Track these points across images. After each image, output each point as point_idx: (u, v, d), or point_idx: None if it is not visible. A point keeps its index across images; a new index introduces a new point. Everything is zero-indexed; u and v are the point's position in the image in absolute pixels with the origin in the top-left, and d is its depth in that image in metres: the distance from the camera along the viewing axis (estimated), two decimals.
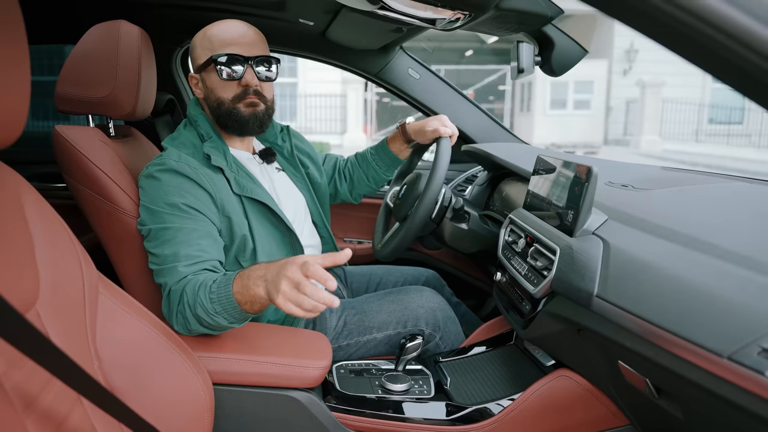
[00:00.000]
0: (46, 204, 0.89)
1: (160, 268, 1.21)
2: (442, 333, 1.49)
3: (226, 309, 1.10)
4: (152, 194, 1.25)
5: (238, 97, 1.35)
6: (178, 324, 1.18)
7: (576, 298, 0.98)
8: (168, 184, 1.25)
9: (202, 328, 1.16)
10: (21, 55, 0.69)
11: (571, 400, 1.17)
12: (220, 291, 1.11)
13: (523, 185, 1.62)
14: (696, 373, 0.72)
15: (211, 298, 1.11)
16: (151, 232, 1.23)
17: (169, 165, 1.26)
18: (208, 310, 1.11)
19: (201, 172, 1.28)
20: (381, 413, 1.23)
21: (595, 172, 1.02)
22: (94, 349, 0.89)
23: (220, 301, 1.10)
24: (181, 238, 1.20)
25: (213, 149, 1.35)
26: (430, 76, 2.15)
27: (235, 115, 1.35)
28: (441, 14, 1.22)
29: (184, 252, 1.19)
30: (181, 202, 1.23)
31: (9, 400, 0.67)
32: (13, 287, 0.75)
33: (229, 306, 1.10)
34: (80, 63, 1.35)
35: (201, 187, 1.27)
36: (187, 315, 1.14)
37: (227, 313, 1.11)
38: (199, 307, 1.12)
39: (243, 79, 1.34)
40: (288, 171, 1.58)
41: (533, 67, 1.44)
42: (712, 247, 0.83)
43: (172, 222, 1.22)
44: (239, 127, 1.38)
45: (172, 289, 1.18)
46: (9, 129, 0.70)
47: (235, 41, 1.34)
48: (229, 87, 1.35)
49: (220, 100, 1.36)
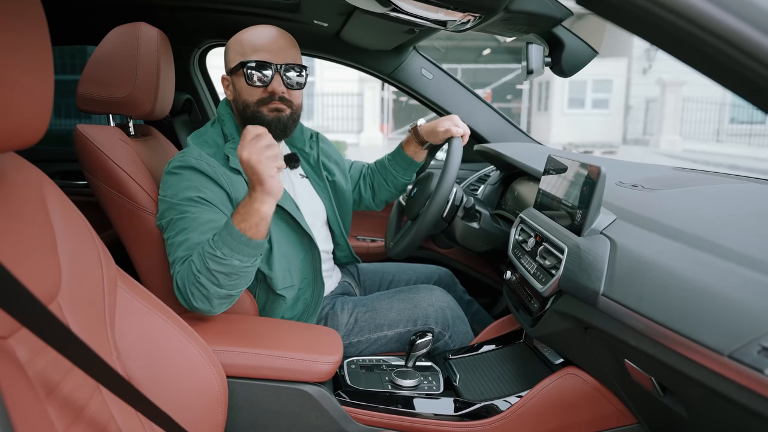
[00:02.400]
0: (68, 200, 0.92)
1: (173, 257, 1.25)
2: (451, 332, 1.51)
3: (233, 247, 1.15)
4: (172, 188, 1.29)
5: (262, 101, 1.37)
6: (196, 299, 1.19)
7: (583, 296, 0.99)
8: (187, 180, 1.28)
9: (217, 288, 1.18)
10: (45, 58, 0.73)
11: (578, 398, 1.18)
12: (222, 233, 1.16)
13: (534, 185, 1.63)
14: (698, 371, 0.73)
15: (216, 246, 1.15)
16: (170, 223, 1.27)
17: (189, 162, 1.30)
18: (218, 257, 1.15)
19: (219, 171, 1.31)
20: (391, 408, 1.25)
21: (604, 172, 1.03)
22: (112, 341, 0.93)
23: (225, 242, 1.15)
24: (194, 227, 1.24)
25: (234, 150, 1.37)
26: (443, 76, 2.16)
27: (258, 118, 1.37)
28: (451, 16, 1.23)
29: (195, 239, 1.23)
30: (198, 195, 1.27)
31: (32, 386, 0.70)
32: (37, 280, 0.78)
33: (235, 242, 1.15)
34: (101, 64, 1.39)
35: (218, 184, 1.30)
36: (199, 279, 1.17)
37: (236, 251, 1.15)
38: (209, 260, 1.15)
39: (270, 85, 1.35)
40: (311, 178, 1.60)
41: (543, 68, 1.45)
42: (716, 247, 0.84)
43: (188, 213, 1.25)
44: (272, 132, 1.38)
45: (181, 269, 1.21)
46: (33, 129, 0.73)
47: (265, 47, 1.35)
48: (255, 91, 1.36)
49: (246, 103, 1.38)
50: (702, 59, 0.52)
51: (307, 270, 1.44)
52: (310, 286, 1.44)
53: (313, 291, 1.44)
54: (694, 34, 0.50)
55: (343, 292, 1.64)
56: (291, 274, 1.40)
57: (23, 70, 0.68)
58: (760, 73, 0.50)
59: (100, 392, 0.85)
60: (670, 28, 0.50)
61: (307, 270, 1.44)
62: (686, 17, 0.49)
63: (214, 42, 2.20)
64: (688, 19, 0.49)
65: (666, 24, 0.50)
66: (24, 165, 0.87)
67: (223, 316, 1.34)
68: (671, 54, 0.52)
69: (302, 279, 1.43)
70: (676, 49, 0.52)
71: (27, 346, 0.71)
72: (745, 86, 0.53)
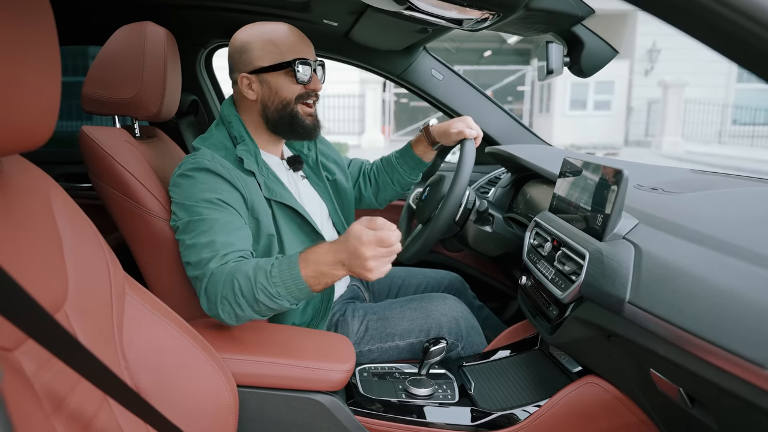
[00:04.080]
0: (75, 205, 0.89)
1: (197, 258, 1.19)
2: (464, 343, 1.48)
3: (291, 292, 1.12)
4: (187, 191, 1.25)
5: (301, 97, 1.39)
6: (224, 312, 1.15)
7: (606, 304, 0.96)
8: (203, 182, 1.25)
9: (254, 314, 1.15)
10: (53, 57, 0.70)
11: (599, 408, 1.15)
12: (284, 275, 1.11)
13: (547, 187, 1.60)
14: (734, 383, 0.70)
15: (274, 282, 1.11)
16: (188, 224, 1.23)
17: (203, 164, 1.27)
18: (272, 294, 1.11)
19: (234, 174, 1.29)
20: (405, 417, 1.22)
21: (626, 175, 1.00)
22: (120, 350, 0.90)
23: (285, 284, 1.11)
24: (218, 228, 1.20)
25: (245, 152, 1.35)
26: (453, 77, 2.13)
27: (300, 120, 1.39)
28: (469, 14, 1.20)
29: (221, 240, 1.19)
30: (215, 197, 1.24)
31: (39, 401, 0.67)
32: (43, 288, 0.75)
33: (295, 289, 1.11)
34: (107, 64, 1.36)
35: (233, 186, 1.27)
36: (239, 301, 1.13)
37: (292, 296, 1.12)
38: (260, 293, 1.11)
39: (311, 83, 1.39)
40: (311, 179, 1.58)
41: (562, 68, 1.41)
42: (747, 252, 0.81)
43: (208, 214, 1.22)
44: (303, 133, 1.42)
45: (214, 273, 1.16)
46: (40, 131, 0.70)
47: (301, 45, 1.38)
48: (296, 88, 1.38)
49: (286, 101, 1.38)
50: None
51: None
52: (319, 292, 1.40)
53: (322, 295, 1.41)
54: None
55: (353, 296, 1.61)
56: None
57: (31, 69, 0.65)
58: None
59: (108, 404, 0.82)
60: (726, 25, 0.47)
61: None
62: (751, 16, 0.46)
63: (221, 42, 2.17)
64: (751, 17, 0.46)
65: (723, 20, 0.47)
66: (30, 168, 0.84)
67: None
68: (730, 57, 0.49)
69: None
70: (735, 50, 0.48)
71: (33, 359, 0.68)
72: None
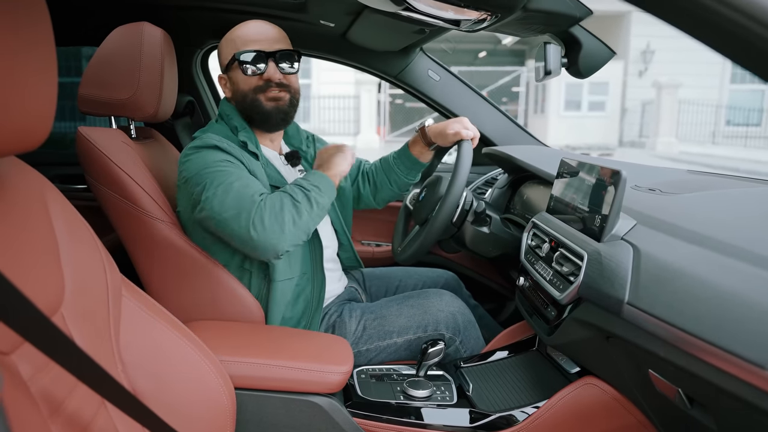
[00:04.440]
0: (71, 206, 0.89)
1: (240, 194, 1.23)
2: (462, 337, 1.47)
3: (324, 186, 1.30)
4: (200, 161, 1.30)
5: (259, 88, 1.40)
6: (282, 224, 1.20)
7: (605, 305, 0.96)
8: (213, 154, 1.30)
9: (311, 220, 1.26)
10: (50, 58, 0.69)
11: (597, 409, 1.15)
12: (313, 175, 1.32)
13: (544, 188, 1.60)
14: (735, 384, 0.70)
15: (312, 185, 1.28)
16: (214, 179, 1.25)
17: (211, 142, 1.32)
18: (321, 189, 1.28)
19: (241, 153, 1.35)
20: (403, 419, 1.22)
21: (624, 176, 1.00)
22: (117, 353, 0.89)
23: (318, 180, 1.30)
24: (246, 176, 1.29)
25: (247, 138, 1.41)
26: (450, 77, 2.13)
27: (258, 107, 1.41)
28: (466, 15, 1.20)
29: (253, 182, 1.28)
30: (229, 160, 1.30)
31: (36, 405, 0.66)
32: (39, 291, 0.74)
33: (324, 182, 1.31)
34: (103, 65, 1.35)
35: (241, 162, 1.33)
36: (300, 210, 1.23)
37: (325, 189, 1.30)
38: (314, 192, 1.26)
39: (266, 73, 1.39)
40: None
41: (560, 68, 1.41)
42: (746, 254, 0.81)
43: (230, 169, 1.28)
44: (263, 119, 1.42)
45: (263, 200, 1.22)
46: (37, 132, 0.70)
47: (257, 38, 1.39)
48: (251, 80, 1.40)
49: (244, 93, 1.41)
50: None
51: (306, 263, 1.41)
52: (309, 283, 1.41)
53: (313, 288, 1.41)
54: None
55: (350, 297, 1.61)
56: (290, 264, 1.38)
57: (29, 71, 0.65)
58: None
59: (106, 408, 0.81)
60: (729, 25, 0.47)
61: (306, 263, 1.41)
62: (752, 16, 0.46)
63: (217, 43, 2.15)
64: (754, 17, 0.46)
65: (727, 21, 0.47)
66: (26, 169, 0.83)
67: (230, 324, 1.31)
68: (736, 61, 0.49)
69: (301, 274, 1.41)
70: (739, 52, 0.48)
71: (30, 362, 0.67)
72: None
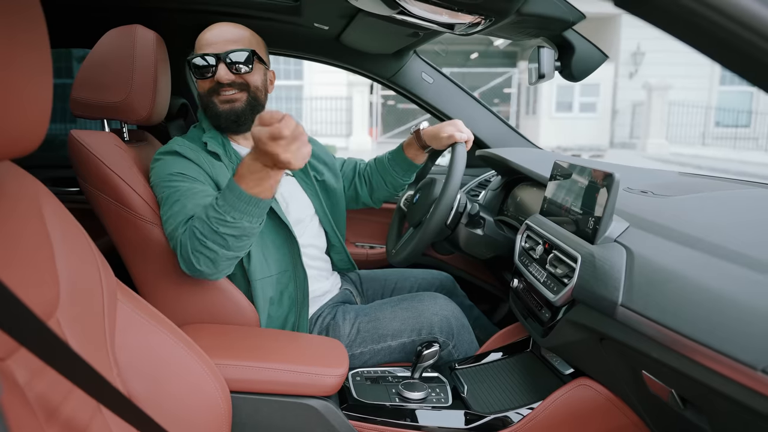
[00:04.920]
0: (65, 210, 0.88)
1: (172, 227, 1.26)
2: (455, 341, 1.48)
3: (244, 211, 1.16)
4: (158, 171, 1.33)
5: (212, 90, 1.40)
6: (202, 263, 1.20)
7: (599, 306, 0.96)
8: (171, 162, 1.33)
9: (225, 251, 1.19)
10: (44, 62, 0.69)
11: (591, 410, 1.16)
12: (228, 198, 1.16)
13: (537, 190, 1.61)
14: (727, 385, 0.71)
15: (224, 210, 1.16)
16: (162, 200, 1.30)
17: (172, 148, 1.36)
18: (228, 222, 1.16)
19: (201, 156, 1.37)
20: (398, 422, 1.22)
21: (618, 178, 1.01)
22: (113, 357, 0.89)
23: (233, 206, 1.16)
24: (187, 196, 1.27)
25: (210, 138, 1.42)
26: (443, 80, 2.14)
27: (212, 109, 1.41)
28: (460, 19, 1.20)
29: (191, 204, 1.25)
30: (182, 171, 1.31)
31: (32, 410, 0.66)
32: (34, 295, 0.74)
33: (245, 205, 1.16)
34: (96, 68, 1.34)
35: (200, 166, 1.35)
36: (209, 245, 1.18)
37: (246, 213, 1.16)
38: (217, 224, 1.16)
39: (216, 75, 1.38)
40: (298, 177, 1.59)
41: (554, 72, 1.42)
42: (738, 256, 0.82)
43: (177, 186, 1.29)
44: (215, 121, 1.43)
45: (183, 236, 1.22)
46: (32, 136, 0.69)
47: (210, 42, 1.39)
48: (204, 83, 1.41)
49: (201, 96, 1.44)
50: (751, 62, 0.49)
51: (285, 260, 1.41)
52: (291, 280, 1.41)
53: (296, 285, 1.41)
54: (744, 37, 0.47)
55: (344, 300, 1.61)
56: (267, 262, 1.38)
57: (23, 75, 0.64)
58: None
59: (101, 413, 0.81)
60: (718, 31, 0.48)
61: (285, 260, 1.41)
62: (738, 20, 0.46)
63: None
64: (740, 21, 0.46)
65: (714, 26, 0.48)
66: (19, 174, 0.83)
67: (225, 327, 1.30)
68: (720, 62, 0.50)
69: (282, 272, 1.41)
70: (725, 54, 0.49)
71: (26, 368, 0.67)
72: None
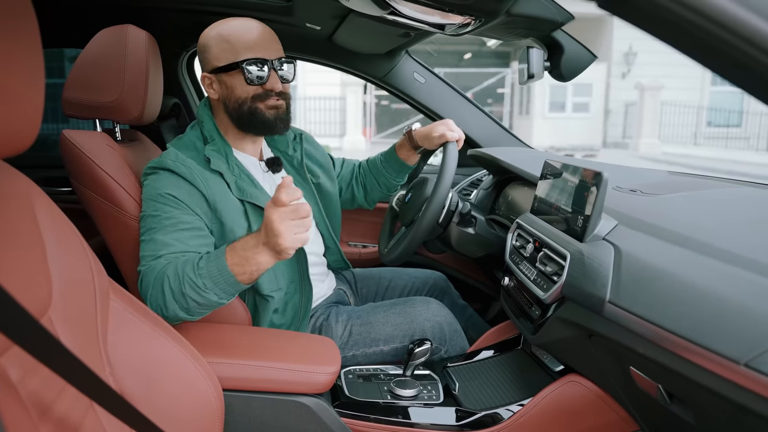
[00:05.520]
0: (58, 210, 0.89)
1: (141, 254, 1.22)
2: (447, 346, 1.49)
3: (217, 284, 1.12)
4: (147, 188, 1.28)
5: (258, 97, 1.35)
6: (153, 304, 1.15)
7: (588, 303, 0.98)
8: (161, 180, 1.27)
9: (179, 311, 1.14)
10: (37, 63, 0.69)
11: (581, 406, 1.17)
12: (210, 266, 1.12)
13: (528, 189, 1.62)
14: (712, 379, 0.72)
15: (200, 274, 1.12)
16: (142, 219, 1.26)
17: (166, 164, 1.28)
18: (198, 287, 1.11)
19: (196, 173, 1.29)
20: (390, 419, 1.23)
21: (606, 177, 1.02)
22: (105, 355, 0.89)
23: (211, 275, 1.12)
24: (160, 227, 1.22)
25: (213, 152, 1.35)
26: (435, 80, 2.15)
27: (260, 115, 1.36)
28: (450, 19, 1.21)
29: (159, 238, 1.21)
30: (168, 193, 1.25)
31: (25, 408, 0.66)
32: (27, 294, 0.74)
33: (221, 279, 1.11)
34: (88, 68, 1.35)
35: (194, 186, 1.28)
36: (167, 298, 1.13)
37: (218, 287, 1.12)
38: (187, 286, 1.12)
39: (268, 83, 1.35)
40: (295, 181, 1.56)
41: (543, 72, 1.44)
42: (725, 253, 0.83)
43: (157, 211, 1.24)
44: (266, 128, 1.38)
45: (148, 268, 1.17)
46: (24, 136, 0.70)
47: (257, 44, 1.33)
48: (251, 88, 1.35)
49: (241, 100, 1.35)
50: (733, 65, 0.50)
51: (294, 273, 1.41)
52: (297, 291, 1.41)
53: (301, 296, 1.41)
54: (723, 38, 0.48)
55: (337, 300, 1.61)
56: (277, 277, 1.37)
57: (16, 76, 0.65)
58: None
59: (94, 410, 0.81)
60: (698, 32, 0.49)
61: (294, 273, 1.41)
62: (717, 21, 0.47)
63: None
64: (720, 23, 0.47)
65: (694, 28, 0.49)
66: (12, 173, 0.83)
67: (217, 326, 1.31)
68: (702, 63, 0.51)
69: (289, 283, 1.40)
70: (706, 55, 0.50)
71: (19, 365, 0.68)
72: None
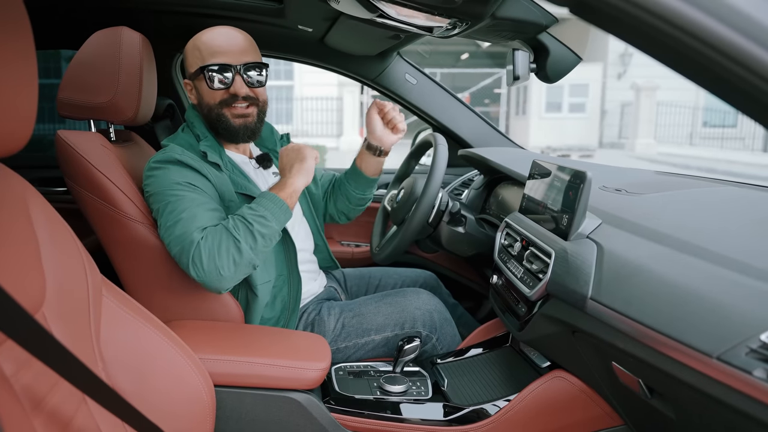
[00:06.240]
0: (52, 209, 0.90)
1: (182, 231, 1.23)
2: (438, 335, 1.51)
3: (273, 212, 1.26)
4: (160, 180, 1.30)
5: (225, 102, 1.39)
6: (223, 265, 1.20)
7: (571, 300, 1.00)
8: (174, 171, 1.30)
9: (254, 254, 1.23)
10: (30, 64, 0.71)
11: (566, 401, 1.19)
12: (261, 201, 1.28)
13: (518, 189, 1.64)
14: (687, 373, 0.74)
15: (255, 206, 1.26)
16: (167, 206, 1.26)
17: (174, 157, 1.31)
18: (264, 217, 1.25)
19: (203, 165, 1.34)
20: (379, 414, 1.25)
21: (590, 177, 1.04)
22: (98, 351, 0.91)
23: (264, 206, 1.26)
24: (197, 204, 1.26)
25: (208, 147, 1.39)
26: (426, 81, 2.17)
27: (224, 122, 1.40)
28: (438, 22, 1.24)
29: (201, 212, 1.25)
30: (190, 182, 1.30)
31: (18, 401, 0.68)
32: (21, 291, 0.76)
33: (275, 207, 1.27)
34: (82, 69, 1.36)
35: (204, 176, 1.32)
36: (241, 247, 1.21)
37: (275, 216, 1.26)
38: (256, 223, 1.23)
39: (232, 87, 1.37)
40: None
41: (528, 74, 1.46)
42: (703, 251, 0.85)
43: (185, 194, 1.27)
44: (230, 135, 1.42)
45: (204, 237, 1.21)
46: (17, 138, 0.72)
47: (223, 50, 1.37)
48: (217, 94, 1.38)
49: (209, 106, 1.40)
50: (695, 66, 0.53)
51: (282, 265, 1.43)
52: (286, 284, 1.44)
53: (289, 288, 1.43)
54: (685, 41, 0.51)
55: (329, 297, 1.63)
56: (266, 268, 1.39)
57: (9, 77, 0.67)
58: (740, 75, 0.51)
59: (87, 404, 0.83)
60: (665, 38, 0.51)
61: (282, 265, 1.43)
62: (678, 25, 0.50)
63: None
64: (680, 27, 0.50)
65: (660, 34, 0.51)
66: (6, 173, 0.85)
67: (209, 323, 1.33)
68: (670, 67, 0.53)
69: (278, 275, 1.43)
70: (673, 59, 0.52)
71: (13, 359, 0.70)
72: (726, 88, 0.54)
